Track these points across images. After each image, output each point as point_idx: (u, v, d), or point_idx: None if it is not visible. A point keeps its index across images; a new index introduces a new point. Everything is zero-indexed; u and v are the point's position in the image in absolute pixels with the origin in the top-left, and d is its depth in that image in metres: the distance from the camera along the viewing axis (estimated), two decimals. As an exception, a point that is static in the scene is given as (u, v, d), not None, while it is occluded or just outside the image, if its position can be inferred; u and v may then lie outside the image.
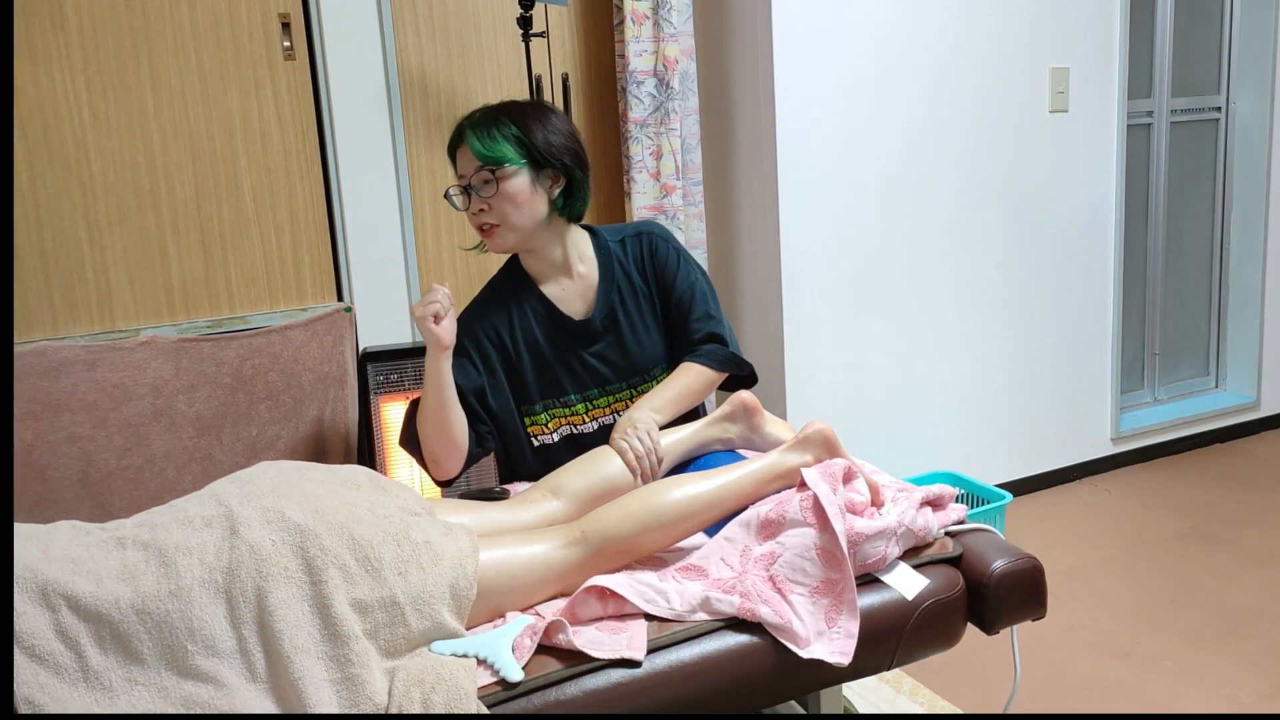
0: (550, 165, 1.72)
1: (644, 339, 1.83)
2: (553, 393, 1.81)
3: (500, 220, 1.71)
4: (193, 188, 2.42)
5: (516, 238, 1.74)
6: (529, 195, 1.71)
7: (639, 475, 1.62)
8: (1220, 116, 3.55)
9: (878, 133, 2.81)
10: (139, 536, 1.25)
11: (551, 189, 1.74)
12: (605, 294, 1.81)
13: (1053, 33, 3.00)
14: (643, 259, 1.83)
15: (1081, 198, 3.15)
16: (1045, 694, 2.13)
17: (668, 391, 1.76)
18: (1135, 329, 3.52)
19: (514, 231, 1.73)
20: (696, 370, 1.79)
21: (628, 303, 1.82)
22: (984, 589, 1.43)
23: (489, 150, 1.68)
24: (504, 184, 1.69)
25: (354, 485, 1.38)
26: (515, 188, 1.70)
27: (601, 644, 1.27)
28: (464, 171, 1.72)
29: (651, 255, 1.83)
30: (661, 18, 2.63)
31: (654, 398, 1.74)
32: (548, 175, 1.73)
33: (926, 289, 2.95)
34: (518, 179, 1.70)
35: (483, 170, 1.69)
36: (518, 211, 1.71)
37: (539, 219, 1.74)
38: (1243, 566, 2.64)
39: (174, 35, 2.36)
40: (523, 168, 1.70)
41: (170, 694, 1.15)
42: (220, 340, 2.11)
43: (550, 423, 1.82)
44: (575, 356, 1.80)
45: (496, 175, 1.68)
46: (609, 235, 1.85)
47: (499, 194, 1.69)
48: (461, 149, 1.72)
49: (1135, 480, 3.28)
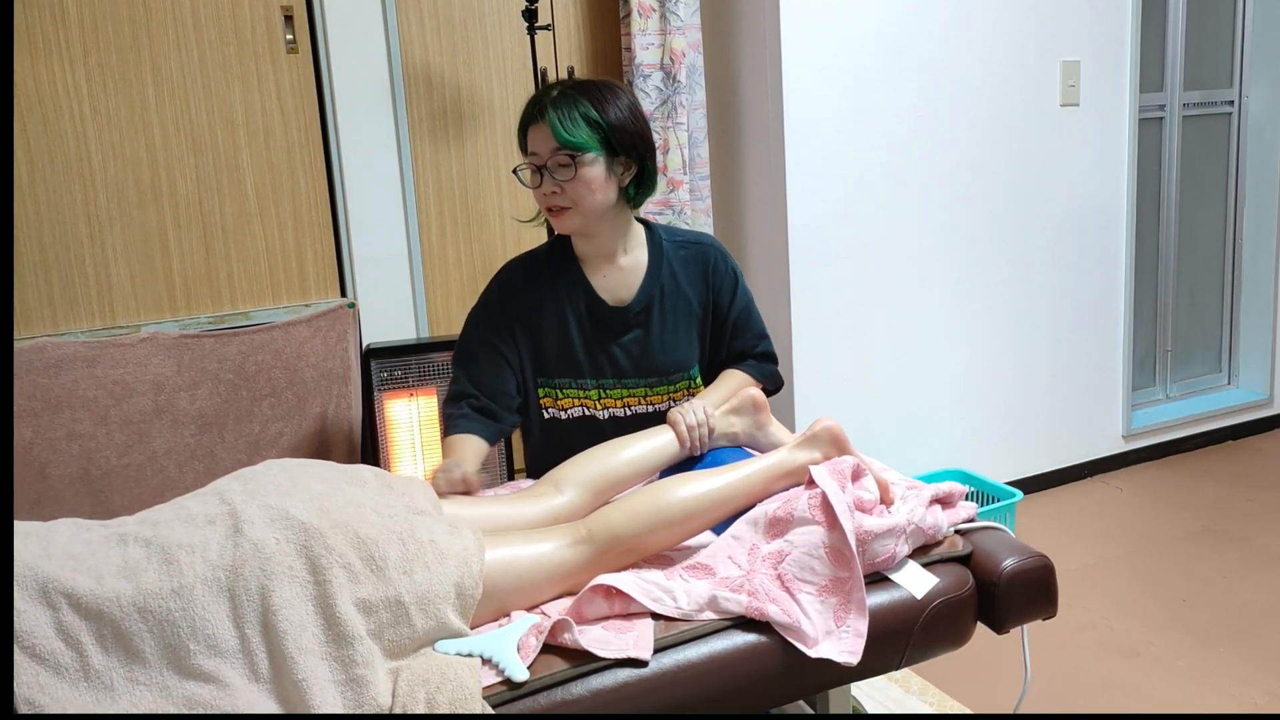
0: (625, 154, 1.73)
1: (671, 342, 1.83)
2: (570, 372, 1.82)
3: (573, 204, 1.71)
4: (194, 182, 2.40)
5: (584, 222, 1.74)
6: (604, 182, 1.71)
7: (688, 446, 1.67)
8: (1233, 110, 3.52)
9: (886, 127, 2.79)
10: (141, 533, 1.24)
11: (623, 176, 1.75)
12: (647, 288, 1.81)
13: (1063, 26, 2.98)
14: (697, 270, 1.84)
15: (1092, 192, 3.12)
16: (1056, 694, 2.11)
17: (720, 391, 1.80)
18: (1147, 325, 3.50)
19: (584, 216, 1.73)
20: (743, 376, 1.85)
21: (666, 303, 1.82)
22: (994, 588, 1.42)
23: (571, 135, 1.67)
24: (582, 170, 1.68)
25: (360, 483, 1.37)
26: (593, 174, 1.69)
27: (608, 643, 1.27)
28: (538, 150, 1.70)
29: (710, 270, 1.84)
30: (668, 10, 2.61)
31: (708, 396, 1.79)
32: (621, 163, 1.73)
33: (936, 285, 2.93)
34: (596, 166, 1.70)
35: (561, 153, 1.68)
36: (591, 197, 1.70)
37: (608, 205, 1.74)
38: (1255, 565, 2.62)
39: (175, 28, 2.34)
40: (601, 155, 1.70)
41: (172, 694, 1.14)
42: (222, 336, 2.10)
43: (562, 399, 1.82)
44: (600, 344, 1.81)
45: (576, 161, 1.68)
46: (665, 235, 1.86)
47: (576, 179, 1.69)
48: (539, 126, 1.69)
49: (1147, 478, 3.27)
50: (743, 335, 1.87)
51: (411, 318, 2.61)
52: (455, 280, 2.71)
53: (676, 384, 1.84)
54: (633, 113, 1.74)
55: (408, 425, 2.33)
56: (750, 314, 1.89)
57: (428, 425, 2.34)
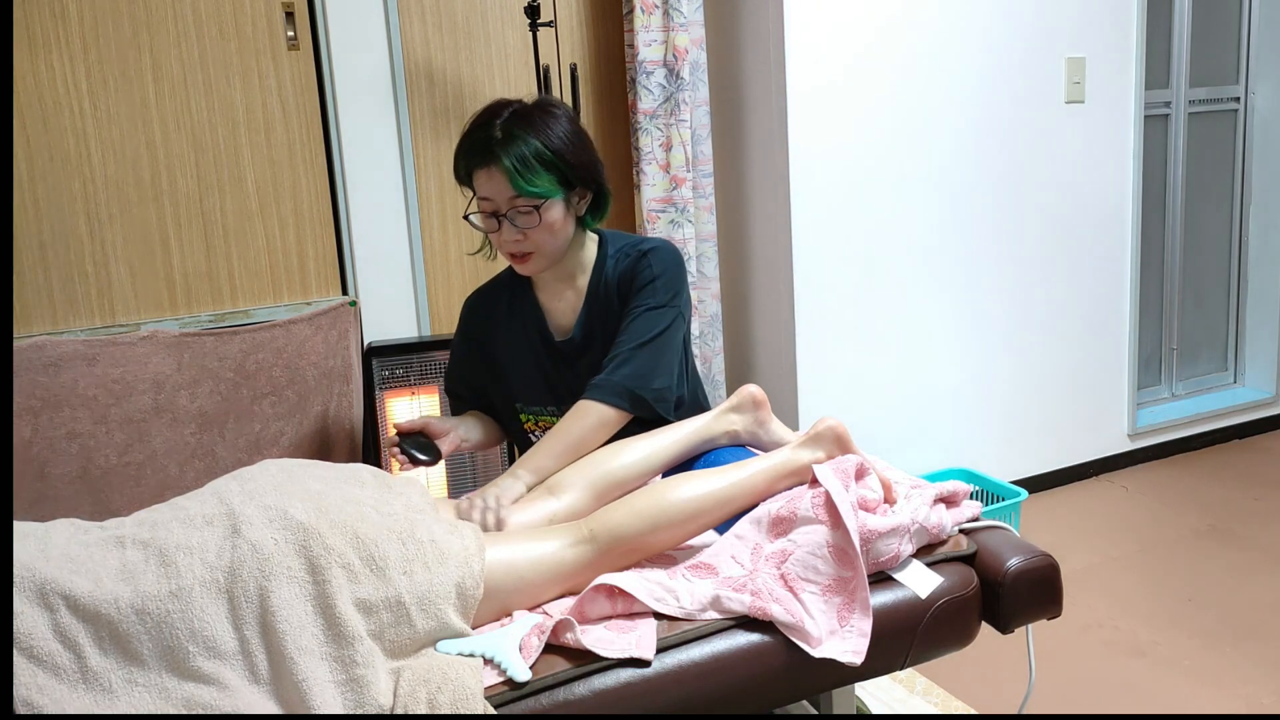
0: (581, 184, 1.67)
1: None
2: (540, 400, 1.80)
3: (536, 248, 1.65)
4: (195, 179, 2.39)
5: (550, 262, 1.70)
6: (564, 221, 1.66)
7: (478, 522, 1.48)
8: (1239, 107, 3.51)
9: (891, 124, 2.77)
10: (139, 535, 1.23)
11: (579, 205, 1.70)
12: (585, 315, 1.75)
13: (1069, 22, 2.96)
14: (627, 281, 1.72)
15: (1098, 190, 3.11)
16: (1061, 694, 2.10)
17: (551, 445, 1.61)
18: (1153, 323, 3.49)
19: (548, 258, 1.69)
20: (584, 408, 1.63)
21: (608, 324, 1.73)
22: (999, 587, 1.42)
23: (532, 185, 1.59)
24: (545, 215, 1.62)
25: (358, 483, 1.37)
26: (554, 217, 1.64)
27: (610, 643, 1.26)
28: (491, 196, 1.61)
29: (632, 274, 1.71)
30: (671, 7, 2.60)
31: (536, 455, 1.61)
32: (577, 194, 1.68)
33: (940, 282, 2.92)
34: (556, 208, 1.64)
35: (520, 200, 1.60)
36: (553, 240, 1.66)
37: (569, 239, 1.70)
38: (1261, 565, 2.61)
39: (176, 24, 2.34)
40: (560, 195, 1.64)
41: (171, 695, 1.13)
42: (223, 335, 2.09)
43: (543, 421, 1.81)
44: (558, 373, 1.78)
45: (539, 209, 1.61)
46: (613, 246, 1.76)
47: (540, 226, 1.63)
48: (489, 172, 1.60)
49: (1152, 477, 3.25)
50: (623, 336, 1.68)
51: (413, 316, 2.60)
52: (457, 278, 2.71)
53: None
54: (579, 137, 1.65)
55: (409, 424, 2.32)
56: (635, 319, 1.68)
57: (429, 424, 2.33)
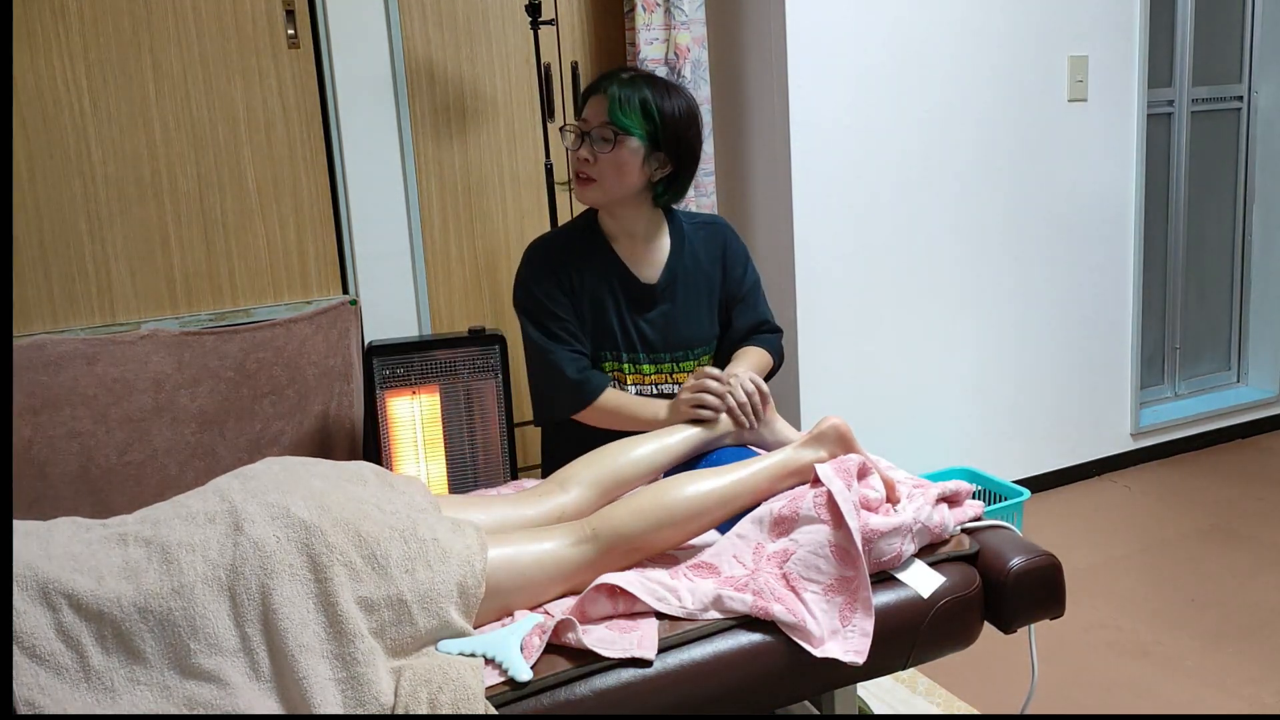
0: (666, 151, 1.78)
1: (694, 317, 1.90)
2: (604, 344, 1.87)
3: (598, 177, 1.78)
4: (195, 178, 2.39)
5: (604, 199, 1.81)
6: (636, 169, 1.78)
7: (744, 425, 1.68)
8: (1242, 106, 3.50)
9: (893, 122, 2.77)
10: (141, 533, 1.23)
11: (656, 171, 1.80)
12: (671, 266, 1.88)
13: (1071, 20, 2.96)
14: (715, 249, 1.92)
15: (1100, 188, 3.10)
16: (1063, 694, 2.10)
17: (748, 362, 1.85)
18: (1155, 322, 3.48)
19: (605, 194, 1.80)
20: (761, 352, 1.91)
21: (690, 279, 1.89)
22: (1001, 587, 1.41)
23: (623, 115, 1.74)
24: (620, 149, 1.75)
25: (360, 481, 1.37)
26: (627, 157, 1.76)
27: (612, 643, 1.25)
28: (589, 117, 1.78)
29: (726, 249, 1.93)
30: (673, 5, 2.59)
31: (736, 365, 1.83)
32: (659, 158, 1.79)
33: (942, 281, 2.91)
34: (634, 152, 1.76)
35: (607, 127, 1.74)
36: (618, 178, 1.77)
37: (631, 191, 1.80)
38: (1264, 564, 2.61)
39: (176, 22, 2.33)
40: (643, 144, 1.76)
41: (173, 694, 1.13)
42: (223, 334, 2.09)
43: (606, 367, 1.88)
44: (631, 318, 1.87)
45: (618, 139, 1.74)
46: (684, 217, 1.95)
47: (612, 155, 1.75)
48: (598, 98, 1.77)
49: (1155, 476, 3.25)
50: (753, 310, 1.95)
51: (414, 315, 2.60)
52: (458, 277, 2.70)
53: (700, 360, 1.91)
54: (689, 118, 1.80)
55: (410, 423, 2.32)
56: (758, 291, 1.98)
57: (429, 423, 2.33)
